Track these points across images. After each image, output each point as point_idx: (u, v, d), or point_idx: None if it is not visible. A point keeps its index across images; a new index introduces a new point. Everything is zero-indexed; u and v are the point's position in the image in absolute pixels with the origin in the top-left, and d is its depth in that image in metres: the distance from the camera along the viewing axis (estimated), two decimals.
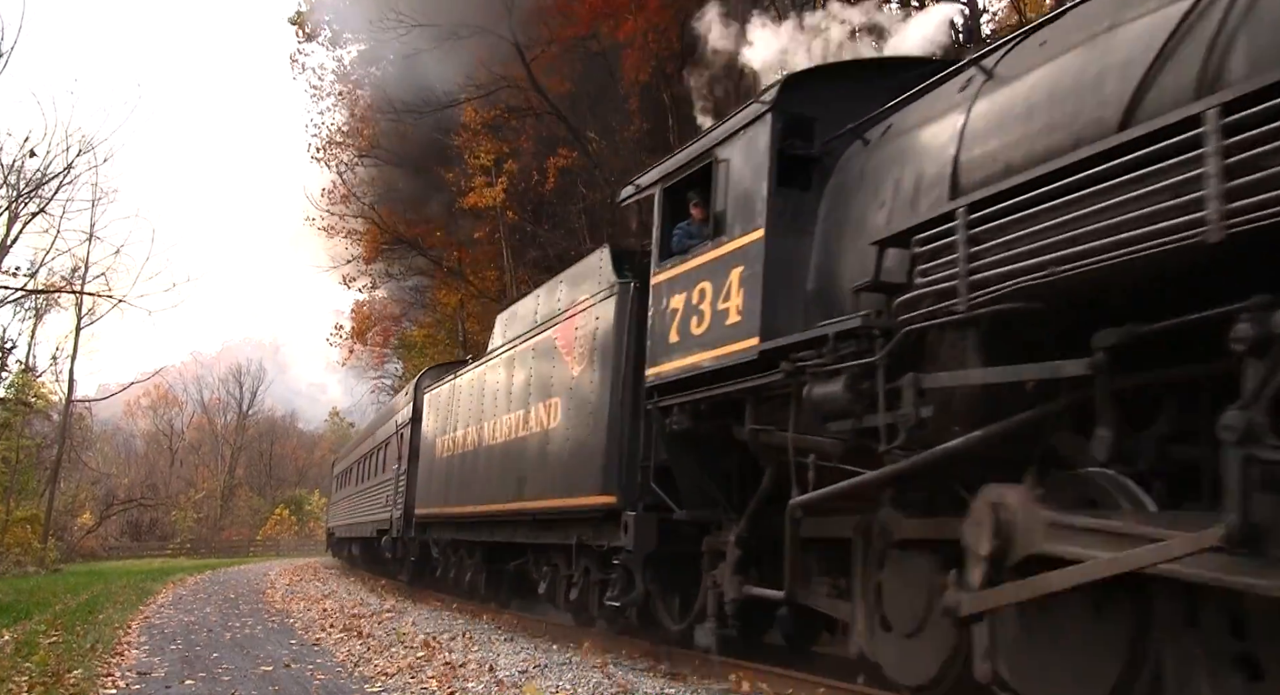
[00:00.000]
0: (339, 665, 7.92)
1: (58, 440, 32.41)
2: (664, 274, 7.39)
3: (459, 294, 27.58)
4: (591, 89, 20.79)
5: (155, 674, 7.30)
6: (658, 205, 7.80)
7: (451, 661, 7.91)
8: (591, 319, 8.83)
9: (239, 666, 7.79)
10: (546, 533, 9.99)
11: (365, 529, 21.12)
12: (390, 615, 12.48)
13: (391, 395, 31.63)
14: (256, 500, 61.01)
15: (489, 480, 11.34)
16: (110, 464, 54.58)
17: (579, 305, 9.19)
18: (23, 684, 6.52)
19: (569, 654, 8.60)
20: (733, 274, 6.38)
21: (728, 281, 6.43)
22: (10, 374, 28.98)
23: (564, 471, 9.11)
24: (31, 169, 25.19)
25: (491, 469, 11.31)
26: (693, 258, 6.96)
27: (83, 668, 7.28)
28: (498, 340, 12.27)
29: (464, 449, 12.65)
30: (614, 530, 8.09)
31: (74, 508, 39.01)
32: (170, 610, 13.24)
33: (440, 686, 6.72)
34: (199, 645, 9.25)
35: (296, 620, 12.02)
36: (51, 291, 28.41)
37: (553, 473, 9.39)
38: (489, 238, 24.74)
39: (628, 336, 8.13)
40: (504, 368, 11.43)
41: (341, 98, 27.24)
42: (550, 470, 9.45)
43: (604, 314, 8.58)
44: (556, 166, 20.52)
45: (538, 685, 6.78)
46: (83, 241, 28.13)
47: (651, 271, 7.60)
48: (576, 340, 9.08)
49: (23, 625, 10.52)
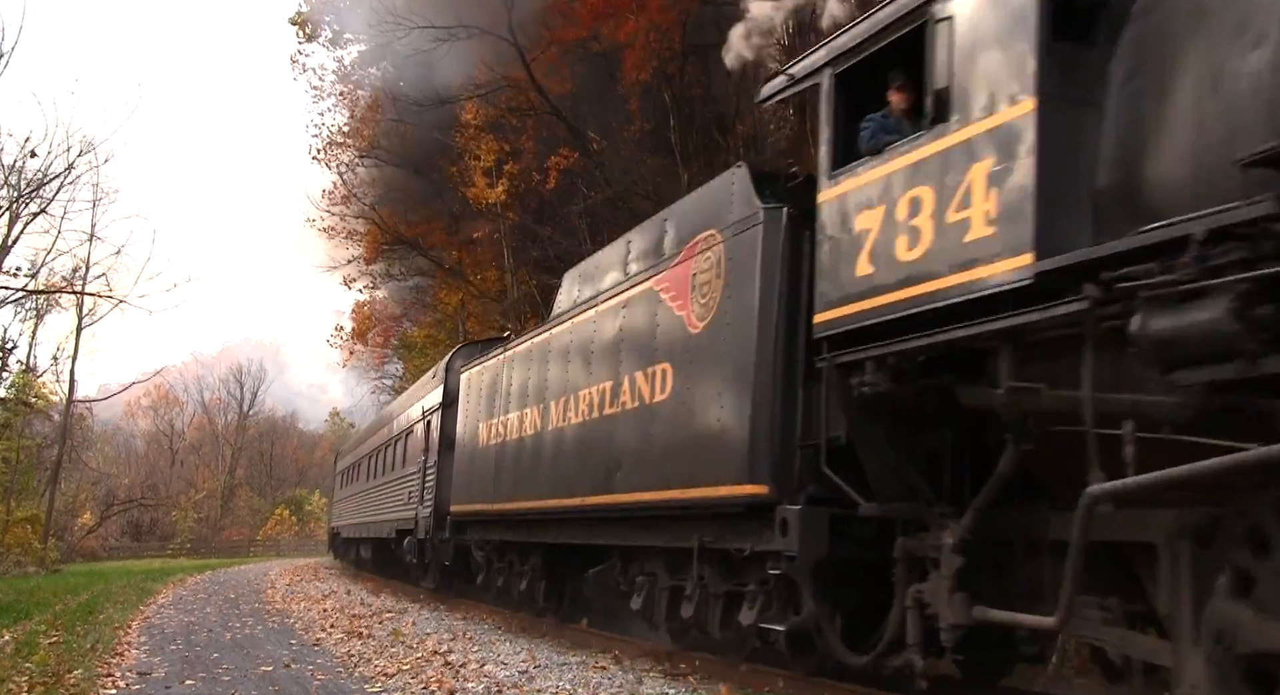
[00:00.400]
0: (339, 665, 7.91)
1: (58, 440, 32.43)
2: (842, 186, 5.67)
3: (459, 294, 27.62)
4: (592, 89, 20.79)
5: (155, 674, 7.30)
6: (826, 99, 6.00)
7: (451, 661, 7.91)
8: (719, 260, 6.93)
9: (239, 667, 7.79)
10: (646, 534, 8.00)
11: (381, 529, 19.15)
12: (390, 615, 12.49)
13: (393, 395, 31.63)
14: (257, 500, 61.03)
15: (558, 471, 9.48)
16: (110, 464, 54.56)
17: (699, 246, 7.28)
18: (23, 684, 6.52)
19: (569, 654, 8.60)
20: (974, 170, 4.77)
21: (965, 181, 4.80)
22: (11, 374, 29.00)
23: (679, 456, 7.20)
24: (32, 169, 25.23)
25: (561, 457, 9.43)
26: (894, 158, 5.27)
27: (83, 668, 7.28)
28: (566, 302, 10.29)
29: (519, 435, 10.67)
30: (758, 530, 6.32)
31: (74, 508, 39.04)
32: (170, 610, 13.24)
33: (440, 686, 6.72)
34: (199, 645, 9.24)
35: (297, 620, 12.02)
36: (52, 292, 28.43)
37: (660, 458, 7.45)
38: (489, 238, 24.77)
39: (780, 277, 6.28)
40: (579, 333, 9.40)
41: (342, 98, 27.29)
42: (656, 455, 7.52)
43: (742, 252, 6.64)
44: (557, 166, 20.52)
45: (538, 685, 6.78)
46: (83, 242, 28.18)
47: (821, 187, 5.89)
48: (696, 289, 7.19)
49: (23, 625, 10.52)
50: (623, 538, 8.51)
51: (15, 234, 25.54)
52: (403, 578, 18.60)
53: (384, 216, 26.91)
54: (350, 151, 26.95)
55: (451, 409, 14.02)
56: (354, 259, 29.72)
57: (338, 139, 26.92)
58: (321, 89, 27.23)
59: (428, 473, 15.06)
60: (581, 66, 20.46)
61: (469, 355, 14.19)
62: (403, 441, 18.19)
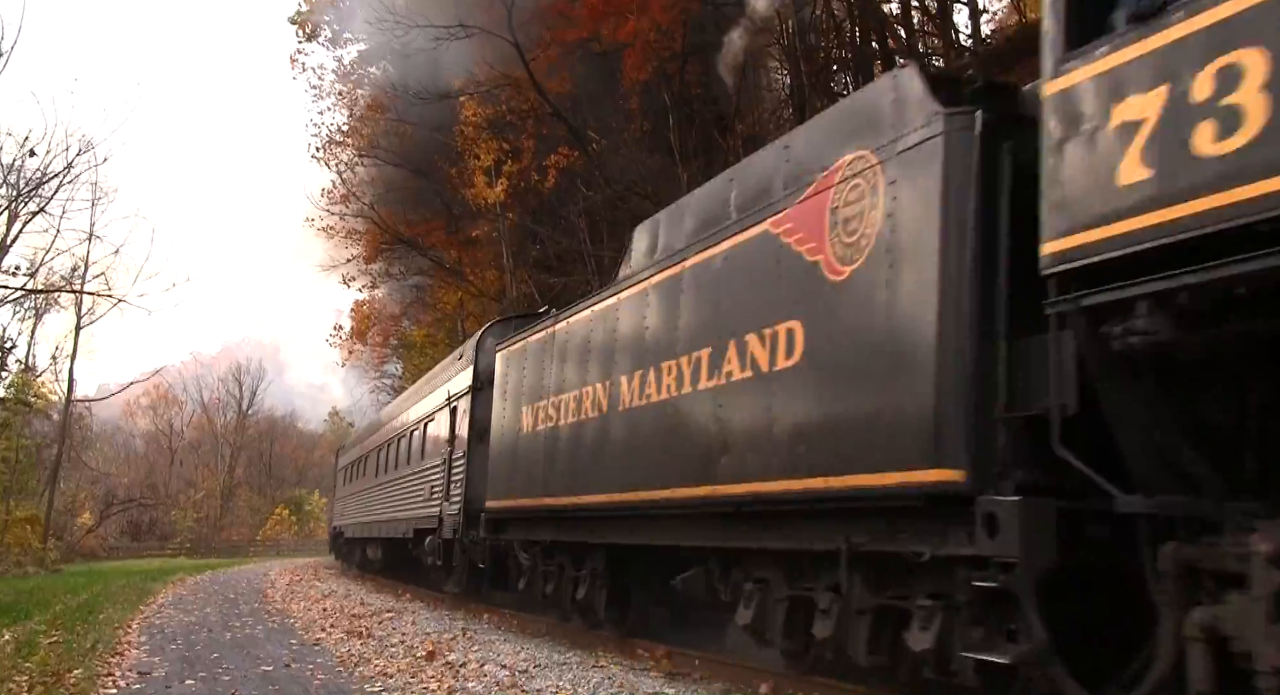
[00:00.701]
0: (339, 665, 7.91)
1: (58, 440, 32.46)
2: (1089, 69, 4.23)
3: (458, 293, 27.66)
4: (592, 88, 20.82)
5: (155, 674, 7.30)
6: None
7: (451, 661, 7.91)
8: (876, 186, 5.52)
9: (239, 666, 7.79)
10: (763, 534, 6.44)
11: (396, 528, 17.34)
12: (390, 615, 12.48)
13: (392, 395, 31.59)
14: (256, 500, 61.06)
15: (631, 459, 7.98)
16: (110, 464, 54.57)
17: (840, 172, 5.85)
18: (23, 684, 6.52)
19: (569, 654, 8.60)
20: None
21: None
22: (10, 374, 29.04)
23: (818, 435, 5.73)
24: (31, 168, 25.22)
25: (637, 443, 7.90)
26: (1193, 14, 3.80)
27: (83, 667, 7.27)
28: (640, 260, 8.72)
29: (577, 418, 9.13)
30: (941, 529, 4.97)
31: (74, 508, 39.09)
32: (170, 610, 13.23)
33: (440, 686, 6.72)
34: (199, 645, 9.24)
35: (296, 620, 12.01)
36: (51, 291, 28.46)
37: (788, 440, 5.98)
38: (489, 237, 24.81)
39: (975, 200, 4.87)
40: (660, 295, 7.83)
41: (341, 97, 27.34)
42: (781, 436, 6.06)
43: (915, 171, 5.24)
44: (556, 166, 20.55)
45: (538, 685, 6.78)
46: (82, 241, 28.19)
47: (1050, 74, 4.44)
48: (837, 227, 5.77)
49: (23, 625, 10.52)
50: (724, 539, 6.90)
51: (14, 233, 25.58)
52: (417, 581, 17.19)
53: (383, 216, 26.95)
54: (350, 150, 27.01)
55: (484, 393, 12.46)
56: (353, 258, 29.80)
57: (337, 138, 26.98)
58: (321, 88, 27.30)
59: (454, 465, 13.56)
60: (581, 66, 20.49)
61: (503, 332, 12.44)
62: (420, 431, 16.50)
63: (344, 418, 60.28)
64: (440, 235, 26.98)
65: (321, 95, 27.47)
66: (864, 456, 5.32)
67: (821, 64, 20.20)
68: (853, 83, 18.08)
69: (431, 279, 29.94)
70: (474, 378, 13.05)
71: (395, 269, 30.67)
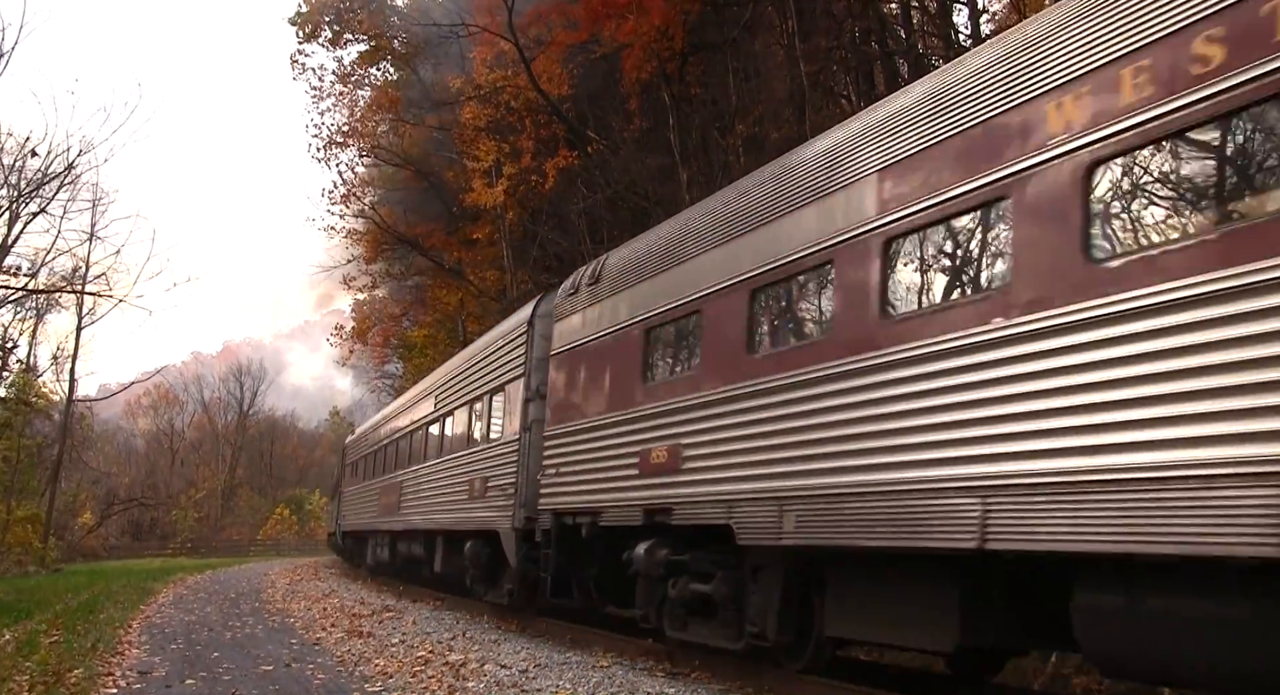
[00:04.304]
0: (339, 665, 7.92)
1: (58, 440, 32.48)
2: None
3: (459, 293, 27.68)
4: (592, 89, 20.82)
5: (156, 673, 7.31)
6: None
7: (451, 661, 7.92)
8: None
9: (240, 666, 7.80)
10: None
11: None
12: (390, 615, 12.49)
13: (393, 395, 31.49)
14: (257, 500, 61.06)
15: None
16: (111, 463, 54.63)
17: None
18: (23, 683, 6.53)
19: (569, 653, 8.60)
20: None
21: None
22: (11, 374, 29.07)
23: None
24: (32, 169, 25.28)
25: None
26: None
27: (83, 667, 7.28)
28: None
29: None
30: None
31: (75, 507, 39.10)
32: (171, 610, 13.25)
33: (440, 686, 6.73)
34: (199, 645, 9.25)
35: (297, 620, 12.02)
36: (52, 291, 28.50)
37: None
38: (489, 238, 24.82)
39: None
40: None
41: (342, 98, 27.33)
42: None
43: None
44: (556, 166, 20.55)
45: (538, 685, 6.78)
46: (83, 241, 28.28)
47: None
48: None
49: (23, 625, 10.53)
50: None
51: (15, 233, 25.64)
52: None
53: (383, 216, 26.98)
54: (350, 151, 27.04)
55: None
56: (354, 258, 29.82)
57: (337, 139, 26.99)
58: (321, 89, 27.29)
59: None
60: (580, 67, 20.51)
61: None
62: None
63: (344, 418, 60.37)
64: (440, 236, 27.03)
65: (322, 96, 27.49)
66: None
67: (822, 64, 20.18)
68: (853, 83, 18.05)
69: (432, 279, 29.99)
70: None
71: (395, 269, 30.71)
